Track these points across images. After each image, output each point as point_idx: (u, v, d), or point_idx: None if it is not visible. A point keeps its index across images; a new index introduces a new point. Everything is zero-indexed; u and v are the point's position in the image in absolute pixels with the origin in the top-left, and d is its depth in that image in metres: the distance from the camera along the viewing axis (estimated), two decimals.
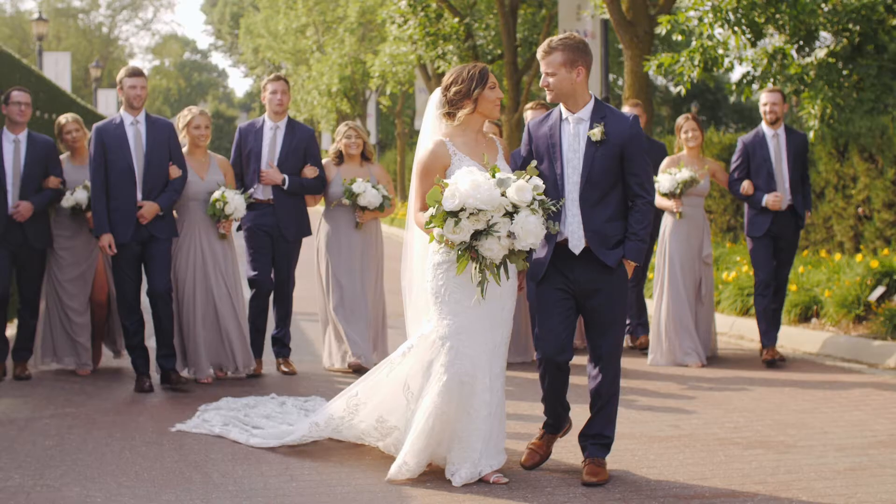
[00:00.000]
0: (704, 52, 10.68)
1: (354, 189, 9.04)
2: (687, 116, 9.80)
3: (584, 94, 5.87)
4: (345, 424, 6.37)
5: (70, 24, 64.48)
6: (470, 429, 5.72)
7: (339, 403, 6.44)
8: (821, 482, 5.77)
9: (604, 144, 5.75)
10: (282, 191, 9.00)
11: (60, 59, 33.29)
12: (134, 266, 8.35)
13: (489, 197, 5.40)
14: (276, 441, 6.56)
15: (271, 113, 9.12)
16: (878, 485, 5.72)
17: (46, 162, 8.83)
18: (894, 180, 12.74)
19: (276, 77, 9.18)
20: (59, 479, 5.84)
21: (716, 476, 5.90)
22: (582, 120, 5.84)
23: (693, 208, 9.64)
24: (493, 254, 5.47)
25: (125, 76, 8.40)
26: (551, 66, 5.83)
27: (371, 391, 6.27)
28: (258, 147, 9.05)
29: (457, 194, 5.41)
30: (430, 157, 5.89)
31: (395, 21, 23.76)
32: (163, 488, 5.68)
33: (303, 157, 9.11)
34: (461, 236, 5.45)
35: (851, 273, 10.97)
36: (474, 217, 5.41)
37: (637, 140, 5.83)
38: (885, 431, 6.92)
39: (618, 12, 14.81)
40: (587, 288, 5.82)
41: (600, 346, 5.89)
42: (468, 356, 5.71)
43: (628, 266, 5.88)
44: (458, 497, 5.53)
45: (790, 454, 6.36)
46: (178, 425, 6.98)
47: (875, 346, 9.61)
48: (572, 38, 5.86)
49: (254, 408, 7.40)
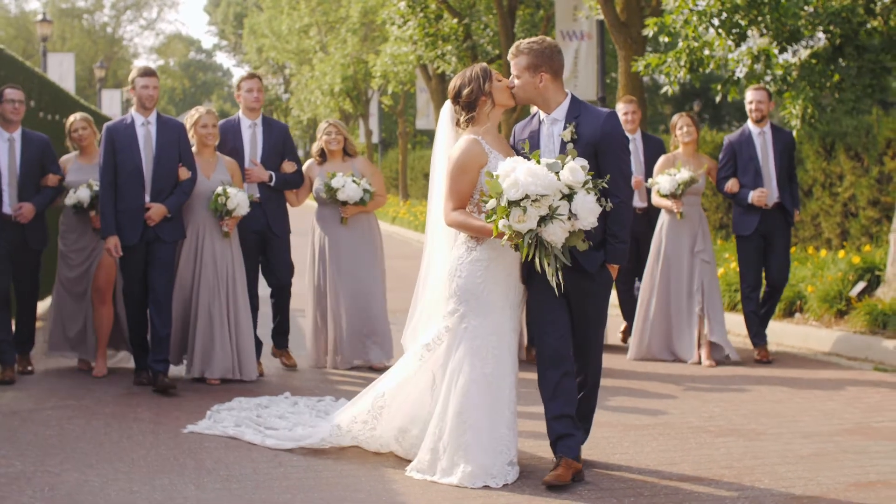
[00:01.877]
0: (691, 53, 10.93)
1: (333, 184, 9.03)
2: (682, 114, 9.82)
3: (555, 95, 5.89)
4: (366, 433, 6.32)
5: (75, 25, 64.80)
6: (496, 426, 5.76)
7: (363, 403, 6.39)
8: (784, 466, 6.04)
9: (576, 144, 5.74)
10: (268, 188, 9.02)
11: (65, 60, 33.59)
12: (141, 268, 8.31)
13: (548, 182, 5.44)
14: (292, 443, 6.50)
15: (247, 110, 9.11)
16: (838, 468, 5.99)
17: (42, 159, 8.81)
18: (879, 178, 13.02)
19: (251, 75, 9.24)
20: (58, 466, 6.12)
21: (685, 461, 6.17)
22: (556, 120, 5.88)
23: (689, 207, 9.61)
24: (557, 237, 5.48)
25: (137, 76, 8.37)
26: (516, 68, 5.91)
27: (398, 391, 6.25)
28: (239, 145, 9.04)
29: (519, 183, 5.43)
30: (466, 156, 5.86)
31: (394, 22, 24.04)
32: (157, 473, 5.97)
33: (281, 153, 9.14)
34: (529, 224, 5.45)
35: (835, 269, 11.24)
36: (537, 203, 5.44)
37: (610, 137, 5.78)
38: (852, 420, 7.19)
39: (612, 14, 15.08)
40: (572, 290, 5.80)
41: (583, 343, 5.93)
42: (496, 357, 5.79)
43: (611, 269, 5.88)
44: (439, 483, 5.79)
45: (759, 441, 6.64)
46: (190, 427, 6.98)
47: (854, 339, 9.87)
48: (539, 43, 5.90)
49: (266, 408, 7.39)
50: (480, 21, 24.08)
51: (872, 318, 10.06)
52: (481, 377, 5.77)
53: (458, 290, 5.85)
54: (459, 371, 5.82)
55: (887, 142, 12.83)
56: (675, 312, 9.62)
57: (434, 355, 6.05)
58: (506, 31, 22.42)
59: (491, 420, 5.75)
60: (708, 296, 9.54)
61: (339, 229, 9.22)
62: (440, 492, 5.62)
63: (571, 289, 5.80)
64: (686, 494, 5.54)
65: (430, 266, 6.27)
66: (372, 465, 6.13)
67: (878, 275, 10.82)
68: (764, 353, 9.55)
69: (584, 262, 5.77)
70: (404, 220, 30.14)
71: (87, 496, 5.55)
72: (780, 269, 9.66)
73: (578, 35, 19.88)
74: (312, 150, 9.49)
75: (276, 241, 9.12)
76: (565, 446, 5.74)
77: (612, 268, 5.89)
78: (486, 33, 23.97)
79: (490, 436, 5.74)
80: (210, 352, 8.49)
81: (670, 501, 5.43)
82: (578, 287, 5.82)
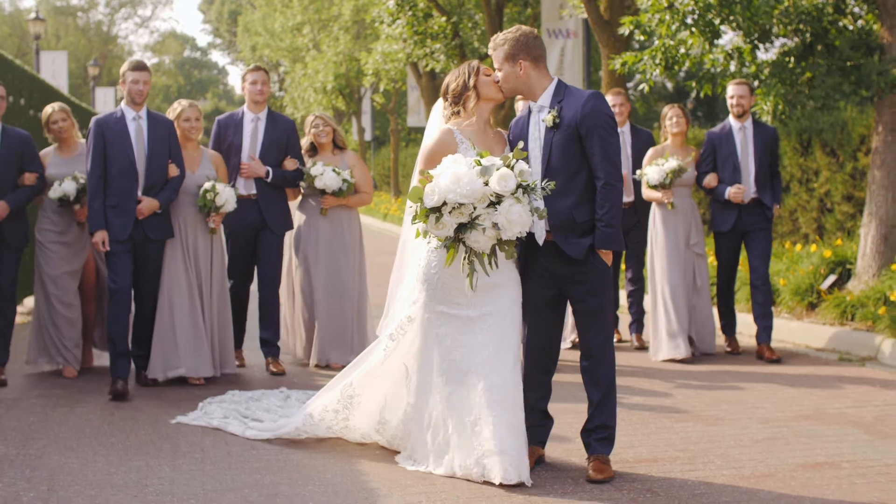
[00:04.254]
0: (666, 52, 11.13)
1: (312, 171, 8.87)
2: (673, 105, 9.74)
3: (539, 82, 5.80)
4: (339, 424, 6.35)
5: (69, 23, 64.86)
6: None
7: (333, 394, 6.42)
8: (738, 449, 6.29)
9: (559, 128, 5.66)
10: (265, 184, 8.85)
11: (57, 58, 33.76)
12: (128, 263, 8.09)
13: (470, 190, 5.35)
14: (270, 433, 6.56)
15: (251, 104, 8.97)
16: (789, 451, 6.24)
17: (22, 156, 8.44)
18: (853, 174, 13.27)
19: (257, 67, 9.06)
20: (41, 450, 6.36)
21: (643, 444, 6.42)
22: (543, 107, 5.78)
23: (680, 198, 9.55)
24: (481, 245, 5.47)
25: (128, 69, 8.21)
26: (497, 61, 5.86)
27: (366, 380, 6.27)
28: (238, 140, 8.91)
29: (437, 190, 5.38)
30: (435, 145, 5.89)
31: (384, 21, 24.24)
32: (134, 455, 6.22)
33: (284, 149, 8.96)
34: (445, 231, 5.45)
35: (808, 263, 11.49)
36: (457, 211, 5.39)
37: (592, 117, 5.61)
38: (810, 406, 7.44)
39: (595, 12, 15.31)
40: (565, 280, 5.75)
41: (589, 337, 5.83)
42: (463, 343, 5.71)
43: (604, 255, 5.70)
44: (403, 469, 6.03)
45: (717, 426, 6.88)
46: (180, 418, 7.07)
47: (823, 331, 10.12)
48: (514, 32, 5.84)
49: (258, 401, 7.43)
50: (469, 19, 24.28)
51: (841, 310, 10.31)
52: (450, 364, 5.74)
53: (420, 277, 5.86)
54: (428, 360, 5.83)
55: (861, 138, 13.10)
56: (678, 310, 9.42)
57: (399, 345, 6.07)
58: (493, 29, 22.60)
59: (466, 408, 5.67)
60: (701, 290, 9.56)
61: (318, 222, 9.07)
62: (406, 474, 5.84)
63: (565, 278, 5.74)
64: (639, 474, 5.78)
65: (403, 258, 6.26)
66: (342, 450, 6.35)
67: (849, 268, 11.07)
68: (734, 344, 9.71)
69: (568, 248, 5.66)
70: (396, 217, 30.37)
71: (67, 476, 5.80)
72: (758, 266, 9.52)
73: (564, 33, 20.10)
74: (302, 145, 9.27)
75: (270, 238, 8.90)
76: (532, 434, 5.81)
77: (604, 254, 5.70)
78: (475, 31, 24.17)
79: (465, 424, 5.66)
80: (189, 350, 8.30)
81: (623, 480, 5.68)
82: (570, 277, 5.73)
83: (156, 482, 5.70)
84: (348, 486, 5.63)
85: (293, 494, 5.49)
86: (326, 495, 5.48)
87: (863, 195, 12.83)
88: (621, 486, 5.58)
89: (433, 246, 5.73)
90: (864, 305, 10.09)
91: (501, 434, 5.57)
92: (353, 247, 9.18)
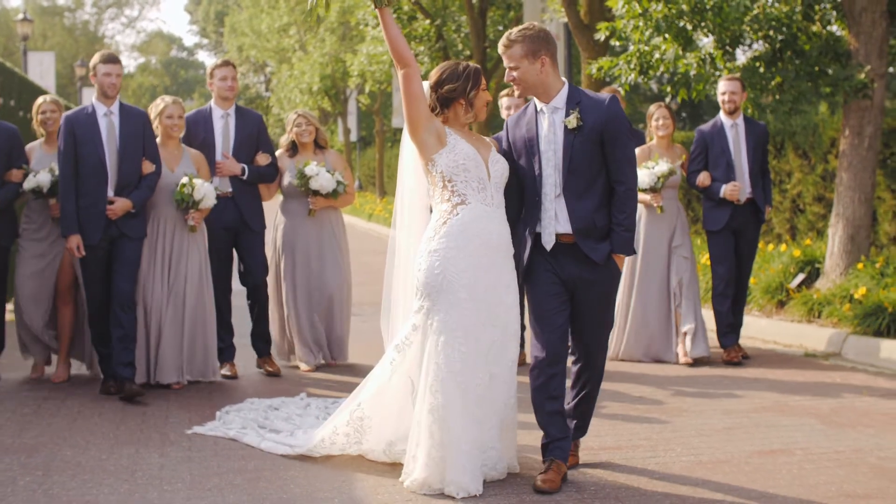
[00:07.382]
0: (641, 57, 11.46)
1: (307, 171, 8.74)
2: (659, 105, 9.56)
3: (554, 82, 5.63)
4: (352, 448, 6.13)
5: (56, 23, 65.03)
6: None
7: (342, 417, 6.16)
8: (698, 438, 6.63)
9: (581, 131, 5.54)
10: (241, 181, 8.75)
11: (45, 58, 33.96)
12: (103, 268, 7.87)
13: None
14: (286, 448, 6.31)
15: (220, 100, 8.81)
16: (748, 440, 6.58)
17: (9, 151, 8.27)
18: (823, 175, 13.64)
19: (225, 62, 8.96)
20: (34, 439, 6.66)
21: (608, 435, 6.74)
22: (557, 108, 5.61)
23: (666, 200, 9.41)
24: None
25: (99, 62, 7.89)
26: (513, 59, 5.62)
27: (375, 401, 6.02)
28: (210, 137, 8.74)
29: None
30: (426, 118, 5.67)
31: (368, 23, 24.54)
32: (124, 444, 6.53)
33: (255, 145, 8.87)
34: None
35: (778, 262, 11.85)
36: None
37: (615, 121, 5.55)
38: (772, 398, 7.79)
39: (575, 16, 15.64)
40: (576, 282, 5.65)
41: (587, 343, 5.80)
42: (463, 355, 5.51)
43: (618, 260, 5.67)
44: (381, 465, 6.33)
45: (680, 417, 7.22)
46: (196, 428, 6.88)
47: (790, 328, 10.48)
48: (531, 29, 5.65)
49: (277, 409, 7.25)
50: (453, 21, 24.60)
51: (808, 307, 10.67)
52: (449, 377, 5.51)
53: (419, 284, 5.62)
54: (430, 371, 5.56)
55: (831, 141, 13.46)
56: (654, 313, 9.37)
57: (406, 358, 5.82)
58: (477, 31, 22.97)
59: (464, 422, 5.49)
60: (686, 292, 9.34)
61: (305, 223, 9.00)
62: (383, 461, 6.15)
63: (578, 281, 5.66)
64: (602, 462, 6.10)
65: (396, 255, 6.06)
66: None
67: (818, 267, 11.43)
68: (733, 352, 9.33)
69: (592, 253, 5.59)
70: (380, 217, 30.68)
71: (60, 463, 6.11)
72: (743, 267, 9.54)
73: None
74: (281, 142, 9.20)
75: (251, 236, 8.86)
76: (558, 449, 5.69)
77: (618, 258, 5.66)
78: (459, 34, 24.50)
79: (463, 439, 5.47)
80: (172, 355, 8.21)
81: (588, 467, 6.00)
82: (584, 279, 5.64)
83: (145, 468, 6.01)
84: (328, 472, 5.93)
85: (275, 478, 5.80)
86: (307, 479, 5.79)
87: (833, 196, 13.18)
88: (585, 471, 5.90)
89: (431, 247, 5.59)
90: (830, 303, 10.44)
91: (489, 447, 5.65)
92: (342, 246, 9.20)
